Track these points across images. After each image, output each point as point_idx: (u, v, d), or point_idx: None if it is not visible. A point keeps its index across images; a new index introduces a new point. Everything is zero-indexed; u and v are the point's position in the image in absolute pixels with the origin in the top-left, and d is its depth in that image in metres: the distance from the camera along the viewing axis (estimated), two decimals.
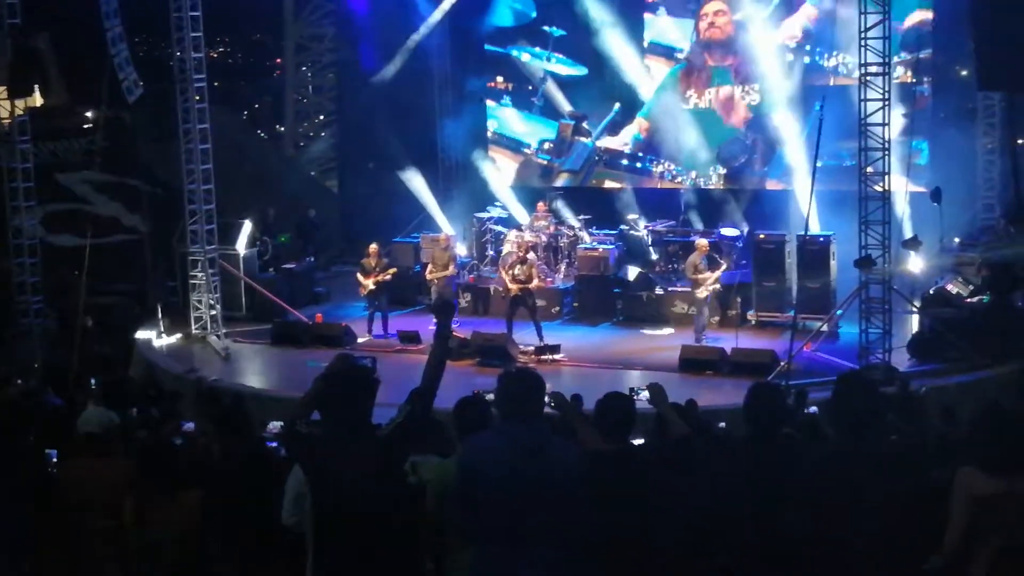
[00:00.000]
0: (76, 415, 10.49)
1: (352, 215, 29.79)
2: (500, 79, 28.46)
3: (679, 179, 26.67)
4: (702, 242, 21.54)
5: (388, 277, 22.35)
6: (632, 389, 7.71)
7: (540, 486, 6.15)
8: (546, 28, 27.47)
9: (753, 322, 22.16)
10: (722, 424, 12.94)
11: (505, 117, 28.53)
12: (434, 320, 7.15)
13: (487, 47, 28.35)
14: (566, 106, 27.70)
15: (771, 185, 25.59)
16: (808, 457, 6.84)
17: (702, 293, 20.98)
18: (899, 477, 6.35)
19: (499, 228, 25.26)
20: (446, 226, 25.93)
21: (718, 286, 21.27)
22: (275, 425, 11.58)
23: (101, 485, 7.77)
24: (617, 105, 26.87)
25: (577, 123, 27.64)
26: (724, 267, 21.37)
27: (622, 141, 27.15)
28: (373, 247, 22.66)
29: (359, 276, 22.57)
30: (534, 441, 6.25)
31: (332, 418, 6.53)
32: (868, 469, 6.27)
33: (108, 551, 7.43)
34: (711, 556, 6.81)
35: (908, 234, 21.29)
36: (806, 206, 19.05)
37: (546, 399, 7.49)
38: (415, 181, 26.81)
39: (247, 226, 24.19)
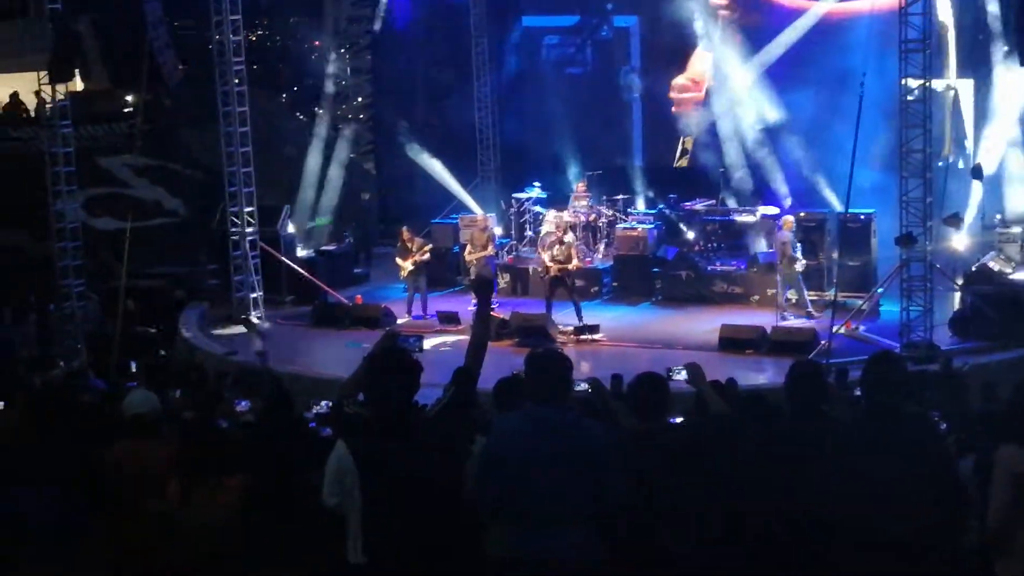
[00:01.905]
0: (120, 397, 10.56)
1: (390, 197, 29.85)
2: None
3: None
4: (788, 219, 21.33)
5: (426, 256, 22.41)
6: (669, 369, 7.71)
7: (565, 466, 6.15)
8: None
9: (793, 301, 22.09)
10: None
11: None
12: (473, 300, 7.18)
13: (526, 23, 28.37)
14: None
15: None
16: (841, 433, 6.82)
17: (789, 270, 20.87)
18: (926, 455, 6.31)
19: (538, 208, 25.24)
20: (477, 210, 25.97)
21: (806, 264, 21.11)
22: (323, 405, 11.64)
23: (150, 466, 7.82)
24: None
25: None
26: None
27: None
28: (405, 231, 22.75)
29: (398, 259, 22.66)
30: (560, 421, 6.26)
31: (376, 398, 6.56)
32: (893, 447, 6.24)
33: (157, 534, 7.47)
34: (745, 535, 6.81)
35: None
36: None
37: (584, 385, 7.50)
38: (438, 168, 26.89)
39: (287, 209, 24.30)
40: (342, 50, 29.80)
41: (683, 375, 7.60)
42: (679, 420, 8.41)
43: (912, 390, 6.78)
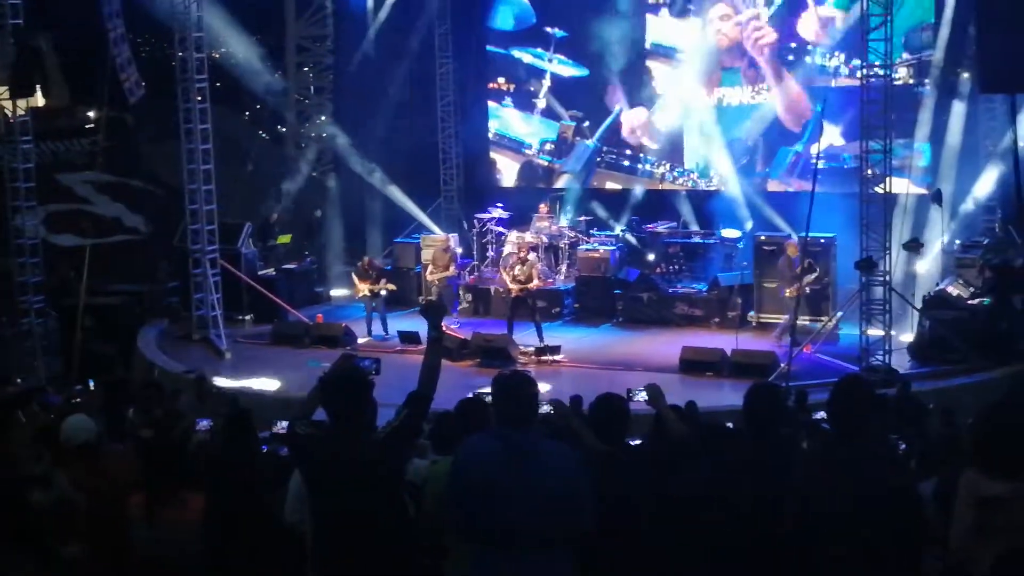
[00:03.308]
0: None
1: (350, 215, 29.77)
2: (501, 80, 28.46)
3: (680, 180, 26.63)
4: (791, 243, 21.27)
5: (383, 292, 22.38)
6: (629, 390, 7.71)
7: (531, 489, 6.13)
8: (548, 29, 27.46)
9: (754, 323, 22.18)
10: (729, 425, 12.95)
11: (506, 118, 28.54)
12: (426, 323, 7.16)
13: (488, 48, 28.39)
14: (566, 108, 27.73)
15: (772, 187, 25.49)
16: (801, 458, 6.84)
17: (788, 295, 20.89)
18: (887, 480, 6.33)
19: (500, 229, 25.26)
20: (438, 230, 25.98)
21: (807, 289, 20.95)
22: (282, 425, 11.59)
23: (109, 484, 7.77)
24: (618, 107, 26.85)
25: (578, 124, 27.64)
26: (817, 273, 21.03)
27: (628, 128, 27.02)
28: (366, 260, 22.84)
29: (354, 277, 22.66)
30: (526, 444, 6.24)
31: (331, 419, 6.56)
32: (857, 471, 6.26)
33: (110, 557, 7.42)
34: (706, 555, 6.81)
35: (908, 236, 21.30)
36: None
37: (546, 407, 7.50)
38: (397, 194, 26.94)
39: (247, 227, 24.21)
40: (304, 68, 29.76)
41: (643, 396, 7.60)
42: (638, 442, 8.41)
43: (879, 415, 6.80)
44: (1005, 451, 6.56)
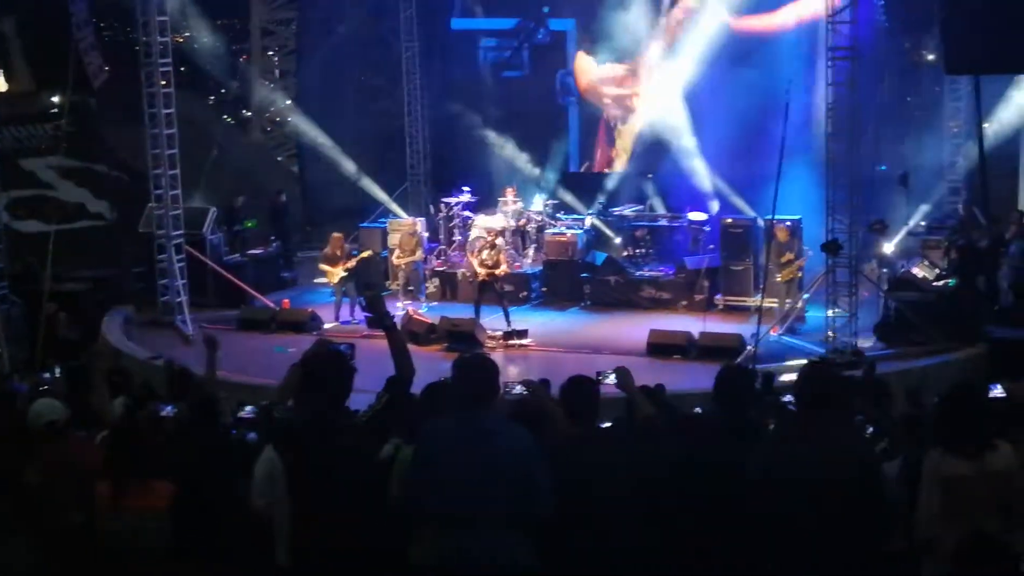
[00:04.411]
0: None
1: (315, 200, 29.69)
2: None
3: None
4: (781, 228, 21.09)
5: (354, 264, 22.31)
6: (599, 373, 7.72)
7: (491, 470, 6.22)
8: None
9: (720, 306, 22.22)
10: (698, 409, 12.97)
11: None
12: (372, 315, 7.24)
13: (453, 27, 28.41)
14: None
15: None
16: (767, 438, 6.87)
17: (781, 279, 20.91)
18: (852, 460, 6.35)
19: (467, 213, 25.22)
20: (404, 215, 25.95)
21: (799, 274, 20.95)
22: (248, 410, 11.55)
23: (78, 468, 7.75)
24: None
25: None
26: (808, 255, 20.92)
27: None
28: (336, 236, 22.64)
29: (323, 266, 22.54)
30: (487, 426, 6.33)
31: (309, 404, 6.56)
32: (823, 452, 6.28)
33: (82, 541, 7.40)
34: (673, 540, 6.83)
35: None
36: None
37: (519, 387, 7.54)
38: (362, 178, 26.93)
39: (212, 212, 24.07)
40: (269, 52, 29.67)
41: (612, 379, 7.62)
42: (608, 425, 8.42)
43: (844, 397, 6.82)
44: (968, 431, 6.61)
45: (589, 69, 27.31)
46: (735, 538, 6.57)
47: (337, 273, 22.19)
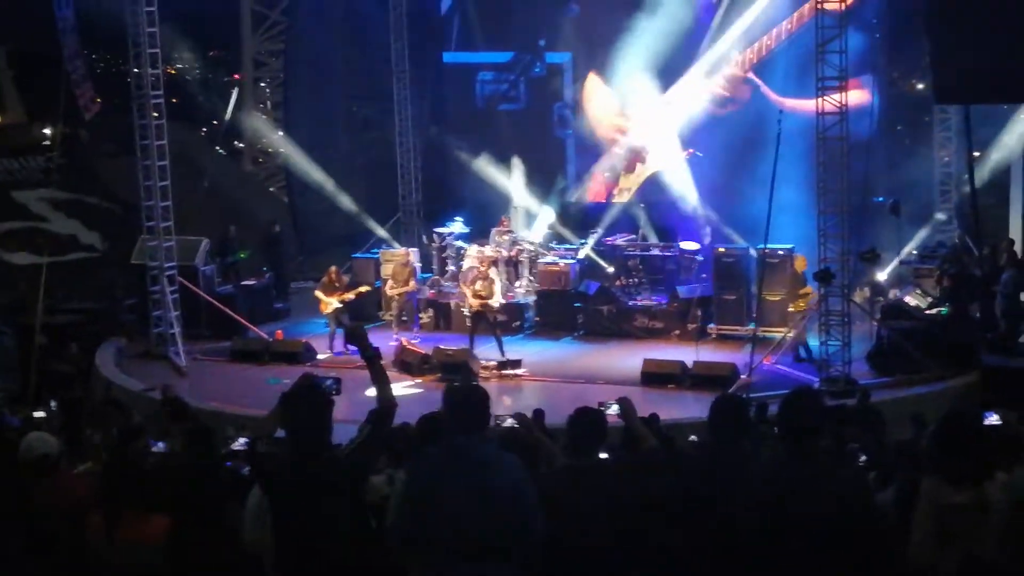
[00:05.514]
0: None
1: (308, 230, 29.68)
2: None
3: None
4: (800, 257, 21.11)
5: (352, 296, 22.32)
6: (601, 403, 7.71)
7: (484, 499, 6.15)
8: None
9: (714, 335, 22.21)
10: (693, 437, 12.97)
11: None
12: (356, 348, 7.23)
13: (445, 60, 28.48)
14: None
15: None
16: (759, 468, 6.86)
17: (794, 309, 20.86)
18: (843, 488, 6.33)
19: (460, 243, 25.20)
20: (398, 245, 25.94)
21: (814, 305, 20.57)
22: (242, 442, 11.52)
23: (70, 501, 7.72)
24: None
25: None
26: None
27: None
28: (333, 269, 22.64)
29: (319, 294, 22.50)
30: (475, 452, 6.28)
31: (292, 437, 6.56)
32: (814, 481, 6.27)
33: (74, 572, 7.37)
34: (668, 566, 6.81)
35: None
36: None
37: (510, 420, 7.51)
38: (355, 209, 26.95)
39: (205, 243, 24.04)
40: (261, 84, 29.72)
41: (615, 410, 7.61)
42: (605, 456, 8.40)
43: (829, 425, 6.81)
44: (965, 459, 6.59)
45: (599, 95, 27.29)
46: (730, 570, 6.54)
47: (331, 303, 22.16)
